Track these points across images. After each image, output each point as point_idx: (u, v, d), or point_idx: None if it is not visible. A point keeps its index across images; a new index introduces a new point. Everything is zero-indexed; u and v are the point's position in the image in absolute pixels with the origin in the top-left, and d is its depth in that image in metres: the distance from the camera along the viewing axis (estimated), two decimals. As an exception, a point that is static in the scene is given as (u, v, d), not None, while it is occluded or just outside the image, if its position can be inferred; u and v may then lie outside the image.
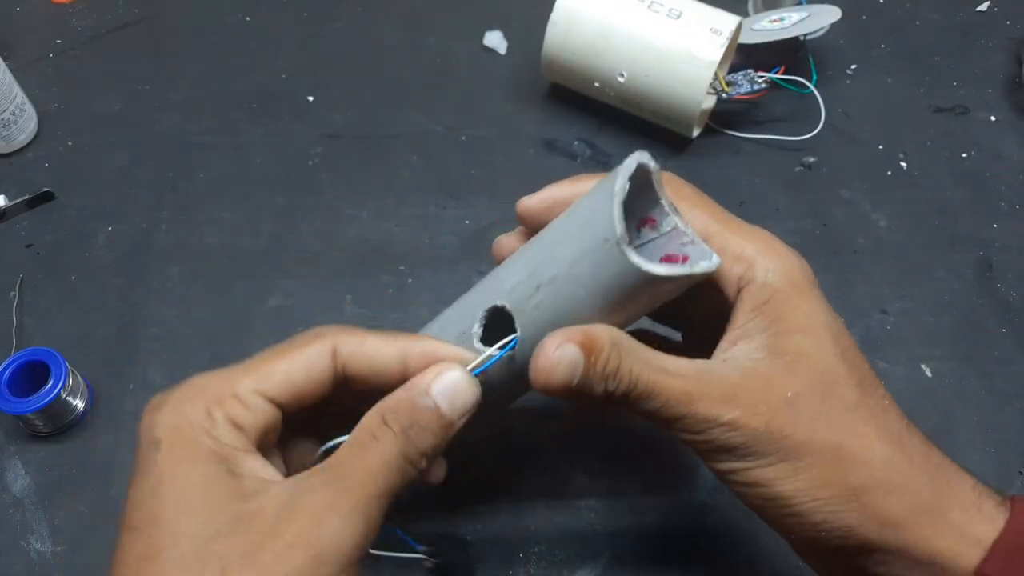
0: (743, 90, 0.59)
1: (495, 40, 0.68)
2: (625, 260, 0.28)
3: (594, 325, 0.30)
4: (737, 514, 0.46)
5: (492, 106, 0.64)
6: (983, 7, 0.72)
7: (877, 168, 0.61)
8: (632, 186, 0.29)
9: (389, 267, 0.55)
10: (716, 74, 0.56)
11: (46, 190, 0.57)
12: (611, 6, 0.57)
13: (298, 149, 0.61)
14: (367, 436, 0.30)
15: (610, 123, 0.63)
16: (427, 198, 0.59)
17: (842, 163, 0.61)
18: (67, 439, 0.48)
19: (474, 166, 0.61)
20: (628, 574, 0.45)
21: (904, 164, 0.62)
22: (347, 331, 0.32)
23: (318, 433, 0.34)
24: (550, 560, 0.45)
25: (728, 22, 0.56)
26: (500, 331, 0.32)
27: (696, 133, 0.61)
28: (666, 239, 0.32)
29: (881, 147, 0.63)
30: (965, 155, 0.62)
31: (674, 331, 0.40)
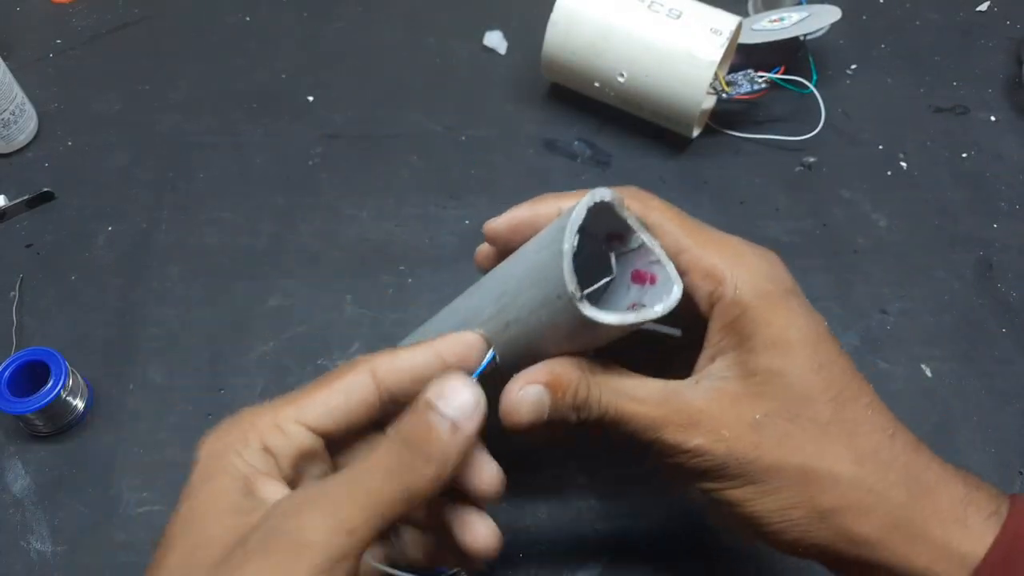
0: (743, 90, 0.59)
1: (495, 40, 0.68)
2: (580, 313, 0.29)
3: (560, 360, 0.31)
4: (737, 514, 0.46)
5: (492, 106, 0.64)
6: (983, 7, 0.72)
7: (877, 168, 0.61)
8: (597, 208, 0.30)
9: (389, 267, 0.55)
10: (716, 74, 0.56)
11: (46, 190, 0.57)
12: (611, 6, 0.57)
13: (298, 149, 0.61)
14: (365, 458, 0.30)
15: (610, 123, 0.63)
16: (427, 198, 0.59)
17: (842, 163, 0.61)
18: (67, 439, 0.48)
19: (474, 166, 0.61)
20: (628, 574, 0.45)
21: (904, 164, 0.62)
22: (381, 352, 0.32)
23: None
24: (550, 560, 0.45)
25: (728, 22, 0.56)
26: None
27: (696, 133, 0.61)
28: (635, 254, 0.32)
29: (881, 147, 0.63)
30: (965, 155, 0.62)
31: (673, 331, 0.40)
